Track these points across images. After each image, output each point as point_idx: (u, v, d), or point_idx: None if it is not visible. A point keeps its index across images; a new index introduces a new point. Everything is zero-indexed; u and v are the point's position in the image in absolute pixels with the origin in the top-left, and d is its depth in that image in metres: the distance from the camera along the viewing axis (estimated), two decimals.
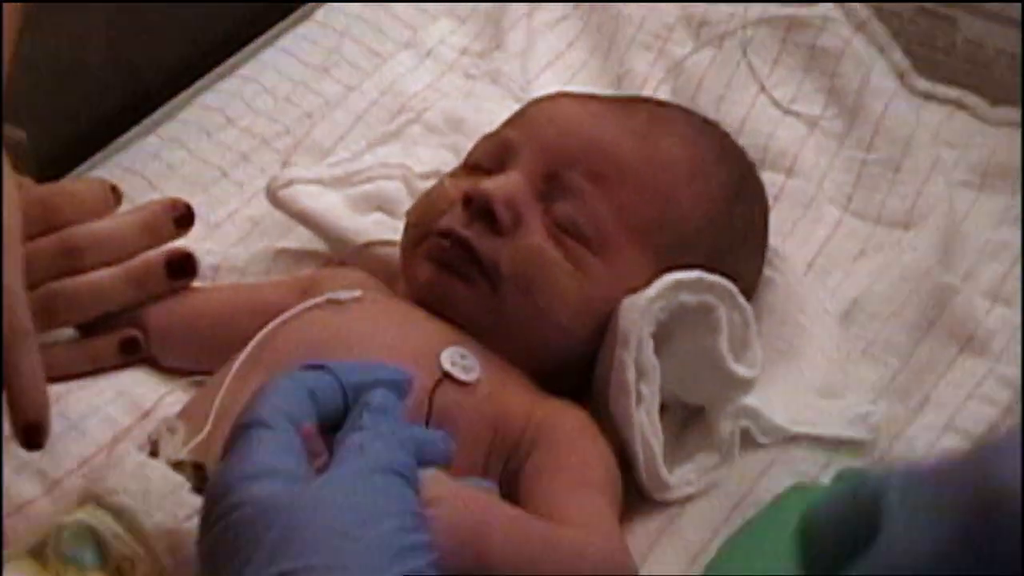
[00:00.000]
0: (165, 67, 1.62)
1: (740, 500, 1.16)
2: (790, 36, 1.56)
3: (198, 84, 1.56)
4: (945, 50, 1.53)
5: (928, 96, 1.54)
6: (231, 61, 1.59)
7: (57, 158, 1.45)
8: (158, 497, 1.04)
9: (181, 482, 1.04)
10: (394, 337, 1.15)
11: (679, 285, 1.14)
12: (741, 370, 1.18)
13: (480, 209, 1.15)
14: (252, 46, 1.61)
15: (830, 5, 1.56)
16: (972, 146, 1.48)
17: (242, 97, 1.52)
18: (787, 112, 1.51)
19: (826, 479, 1.17)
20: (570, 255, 1.13)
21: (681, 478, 1.16)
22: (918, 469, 0.85)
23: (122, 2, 1.58)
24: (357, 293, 1.20)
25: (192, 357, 1.24)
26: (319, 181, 1.36)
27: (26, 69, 1.23)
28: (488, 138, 1.26)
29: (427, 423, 1.08)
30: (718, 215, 1.24)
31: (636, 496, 1.16)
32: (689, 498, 1.16)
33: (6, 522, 1.15)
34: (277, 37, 1.60)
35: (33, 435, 1.04)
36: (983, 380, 1.27)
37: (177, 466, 1.06)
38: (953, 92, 1.51)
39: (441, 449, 0.99)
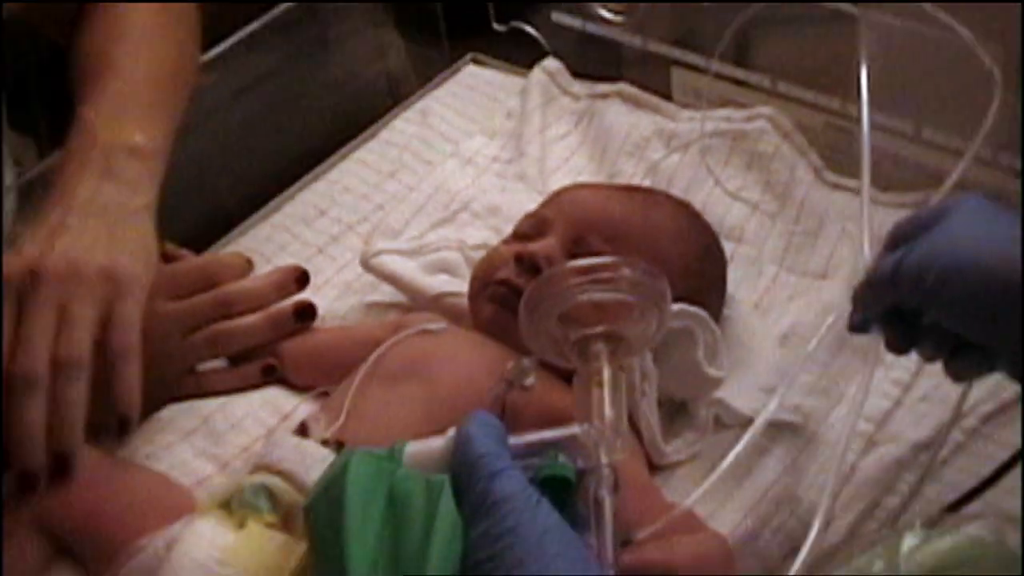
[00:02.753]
0: (272, 173, 1.70)
1: (713, 464, 1.22)
2: (736, 144, 1.64)
3: (296, 185, 1.68)
4: (846, 152, 1.54)
5: (836, 186, 1.61)
6: (319, 168, 1.71)
7: (195, 239, 1.50)
8: (312, 462, 1.15)
9: (328, 453, 1.16)
10: (472, 356, 1.26)
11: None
12: (713, 372, 1.29)
13: (528, 264, 1.27)
14: (334, 157, 1.72)
15: (764, 121, 1.64)
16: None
17: (331, 195, 1.65)
18: (735, 198, 1.59)
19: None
20: None
21: (673, 449, 1.29)
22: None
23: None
24: (444, 325, 1.31)
25: (315, 377, 1.35)
26: (399, 252, 1.48)
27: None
28: (529, 216, 1.36)
29: (502, 417, 1.06)
30: (694, 266, 1.34)
31: None
32: (679, 463, 1.29)
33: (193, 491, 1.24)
34: (354, 150, 1.72)
35: (124, 425, 1.12)
36: (880, 382, 1.33)
37: (323, 443, 1.18)
38: (853, 182, 1.53)
39: None
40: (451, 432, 0.99)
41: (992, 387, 1.34)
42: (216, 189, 1.66)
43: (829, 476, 1.25)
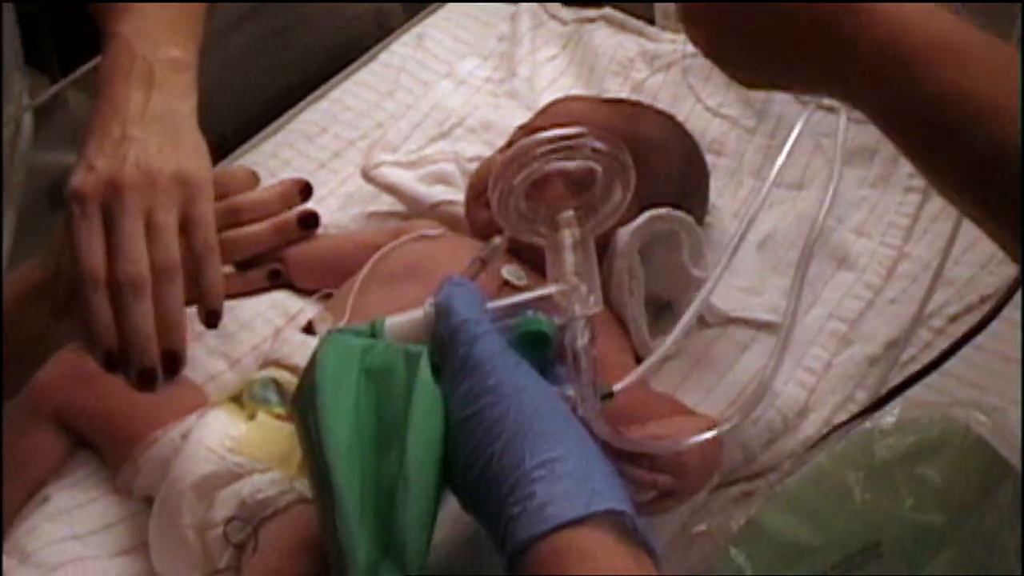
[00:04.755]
0: (276, 94, 1.68)
1: (698, 359, 1.29)
2: None
3: (300, 105, 1.66)
4: None
5: (809, 102, 1.46)
6: (322, 89, 1.68)
7: None
8: None
9: None
10: (467, 258, 1.16)
11: (655, 218, 1.25)
12: (697, 273, 1.29)
13: None
14: (336, 78, 1.70)
15: None
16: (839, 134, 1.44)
17: (332, 113, 1.63)
18: (716, 115, 1.58)
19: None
20: None
21: (659, 345, 1.22)
22: None
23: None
24: (441, 231, 1.31)
25: (319, 280, 1.35)
26: (398, 164, 1.47)
27: None
28: (522, 127, 1.35)
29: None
30: (678, 173, 1.33)
31: None
32: (666, 358, 1.26)
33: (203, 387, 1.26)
34: (354, 72, 1.70)
35: (212, 318, 1.11)
36: (853, 285, 1.36)
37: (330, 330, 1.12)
38: (826, 100, 1.38)
39: None
40: (428, 302, 0.97)
41: (958, 289, 1.35)
42: (221, 111, 1.56)
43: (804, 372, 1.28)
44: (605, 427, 0.95)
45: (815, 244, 1.22)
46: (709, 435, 1.03)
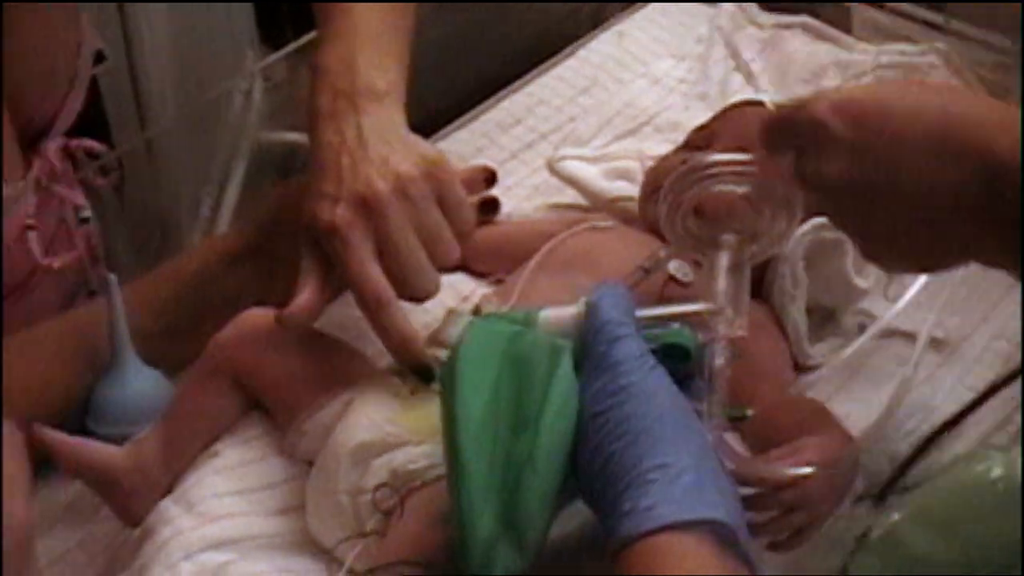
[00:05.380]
0: (475, 84, 1.71)
1: (855, 370, 1.28)
2: (907, 75, 1.59)
3: (498, 95, 1.69)
4: (1014, 91, 1.50)
5: None
6: (519, 82, 1.71)
7: None
8: None
9: None
10: (635, 251, 1.21)
11: (821, 225, 1.22)
12: (861, 283, 1.28)
13: None
14: (535, 72, 1.72)
15: (935, 56, 1.61)
16: None
17: (527, 106, 1.66)
18: None
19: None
20: None
21: (817, 352, 1.29)
22: None
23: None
24: (611, 223, 1.33)
25: (494, 264, 1.37)
26: (583, 158, 1.49)
27: None
28: (699, 128, 1.37)
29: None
30: None
31: None
32: (821, 365, 1.29)
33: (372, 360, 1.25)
34: (553, 67, 1.72)
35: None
36: None
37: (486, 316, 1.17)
38: None
39: None
40: (582, 300, 0.99)
41: None
42: (418, 100, 1.65)
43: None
44: (726, 448, 0.97)
45: None
46: (806, 471, 1.04)
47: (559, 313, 1.01)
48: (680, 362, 0.97)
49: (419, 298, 1.15)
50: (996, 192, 0.90)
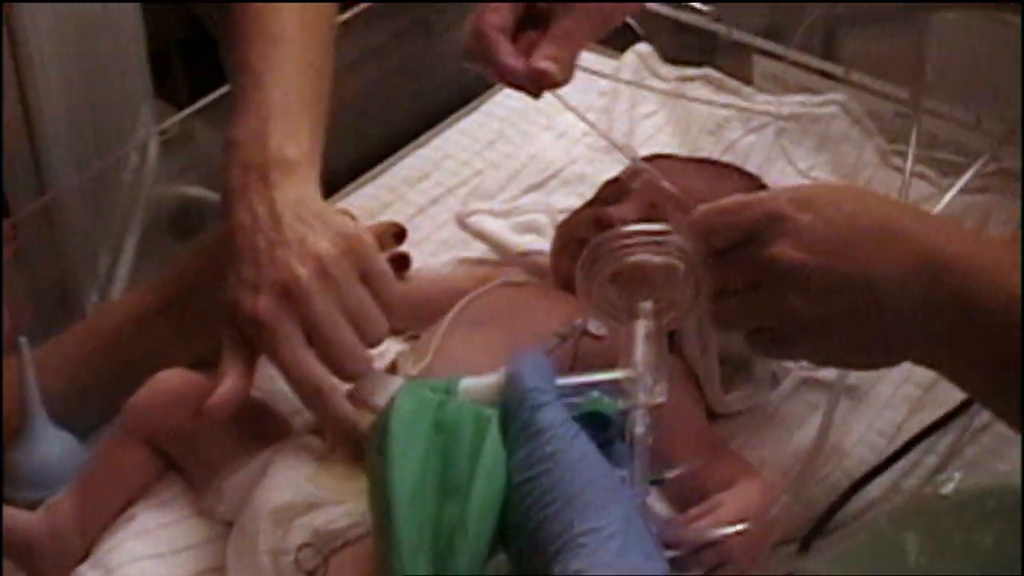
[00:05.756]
0: (381, 139, 1.71)
1: (768, 418, 1.30)
2: (809, 127, 1.64)
3: (404, 149, 1.69)
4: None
5: (900, 169, 1.54)
6: (425, 136, 1.71)
7: None
8: None
9: None
10: (549, 308, 1.25)
11: None
12: None
13: (605, 226, 1.21)
14: (440, 126, 1.73)
15: (836, 106, 1.65)
16: (928, 202, 1.47)
17: (434, 161, 1.66)
18: (805, 177, 1.59)
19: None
20: None
21: (732, 399, 1.30)
22: None
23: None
24: (524, 278, 1.34)
25: (407, 321, 1.35)
26: (492, 212, 1.51)
27: None
28: (610, 182, 1.38)
29: (574, 365, 1.14)
30: None
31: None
32: (738, 413, 1.30)
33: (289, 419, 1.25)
34: (457, 121, 1.73)
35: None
36: None
37: (410, 379, 1.18)
38: (916, 167, 1.47)
39: None
40: (503, 370, 1.00)
41: None
42: (330, 153, 1.63)
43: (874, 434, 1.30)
44: (649, 514, 0.99)
45: None
46: (735, 529, 1.08)
47: (479, 383, 1.02)
48: (600, 430, 0.98)
49: (350, 379, 1.14)
50: (937, 290, 0.98)
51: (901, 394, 1.33)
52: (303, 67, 1.27)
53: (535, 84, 1.16)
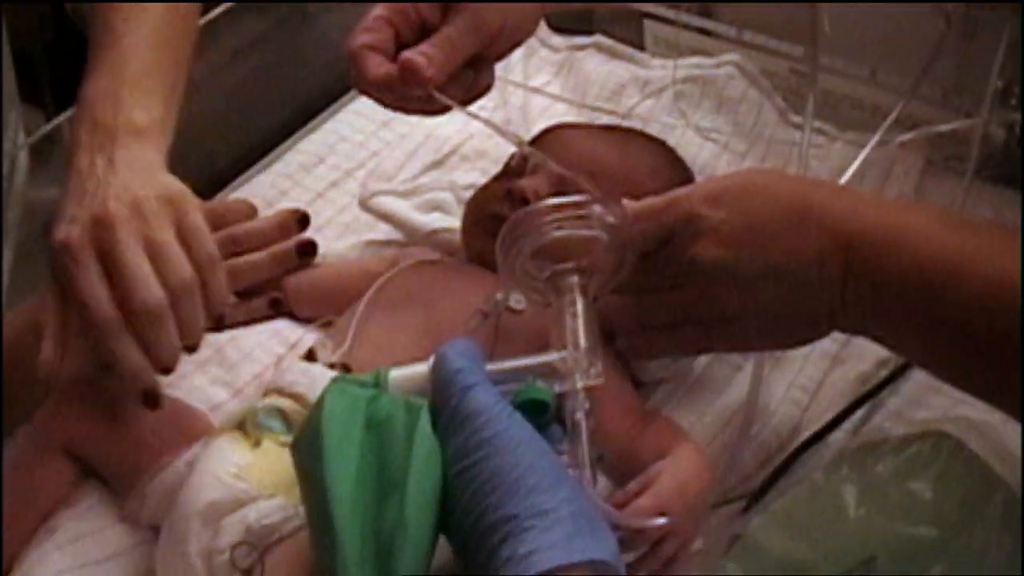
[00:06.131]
0: (273, 124, 1.69)
1: (695, 381, 1.31)
2: (706, 89, 1.65)
3: (296, 135, 1.67)
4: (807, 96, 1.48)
5: (798, 126, 1.59)
6: (317, 119, 1.69)
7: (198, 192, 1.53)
8: (321, 384, 1.05)
9: (336, 375, 1.14)
10: (466, 285, 1.25)
11: None
12: None
13: (518, 198, 1.24)
14: (333, 107, 1.71)
15: (731, 67, 1.65)
16: (828, 157, 1.56)
17: (328, 144, 1.64)
18: (707, 139, 1.60)
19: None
20: None
21: (656, 367, 1.30)
22: None
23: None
24: (438, 256, 1.33)
25: (318, 308, 1.35)
26: (394, 192, 1.49)
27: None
28: (516, 154, 1.34)
29: (495, 341, 1.15)
30: None
31: None
32: (663, 379, 1.31)
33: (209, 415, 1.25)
34: (351, 101, 1.69)
35: (220, 323, 1.17)
36: None
37: (330, 367, 1.19)
38: (814, 123, 1.49)
39: None
40: (432, 358, 0.99)
41: None
42: (215, 147, 1.64)
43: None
44: (597, 499, 0.98)
45: None
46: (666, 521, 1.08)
47: (407, 372, 1.00)
48: (538, 415, 0.96)
49: (141, 314, 1.09)
50: (854, 265, 1.01)
51: (820, 349, 1.33)
52: (163, 40, 1.27)
53: (403, 79, 1.16)
